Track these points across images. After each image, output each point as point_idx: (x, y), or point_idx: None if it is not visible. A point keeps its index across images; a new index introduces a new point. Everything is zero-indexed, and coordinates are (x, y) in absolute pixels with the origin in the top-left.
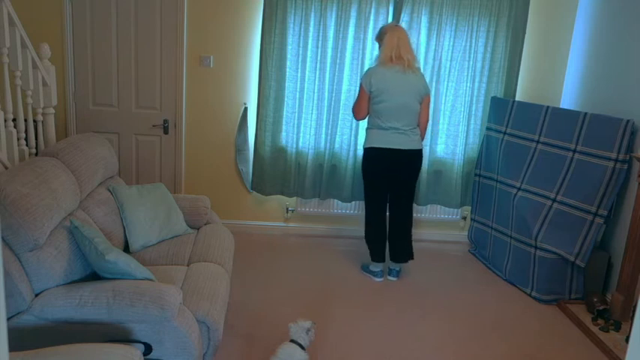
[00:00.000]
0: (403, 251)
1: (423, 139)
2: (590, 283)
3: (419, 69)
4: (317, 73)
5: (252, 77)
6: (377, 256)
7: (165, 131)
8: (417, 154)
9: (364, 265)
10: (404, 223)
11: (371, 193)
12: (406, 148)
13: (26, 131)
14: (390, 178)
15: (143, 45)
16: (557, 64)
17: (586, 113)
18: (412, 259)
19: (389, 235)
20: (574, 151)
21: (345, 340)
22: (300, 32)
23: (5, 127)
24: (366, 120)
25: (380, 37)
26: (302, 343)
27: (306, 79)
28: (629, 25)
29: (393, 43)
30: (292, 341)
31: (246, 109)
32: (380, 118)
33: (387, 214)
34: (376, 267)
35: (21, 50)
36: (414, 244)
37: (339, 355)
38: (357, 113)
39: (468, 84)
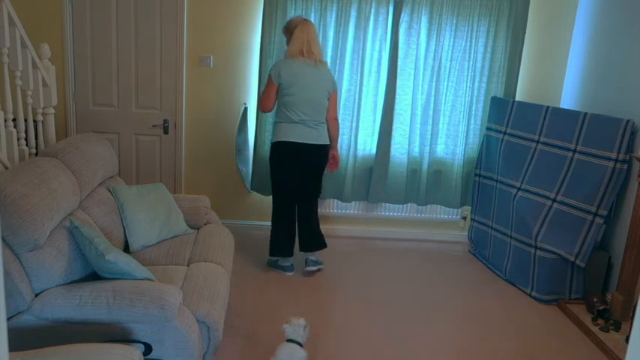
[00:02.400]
0: (313, 239)
1: (336, 137)
2: (590, 283)
3: (326, 62)
4: None
5: (252, 77)
6: (286, 250)
7: (166, 131)
8: (325, 150)
9: (271, 261)
10: (310, 215)
11: (280, 188)
12: (315, 143)
13: (26, 131)
14: (298, 173)
15: (143, 45)
16: (557, 64)
17: (586, 113)
18: (325, 246)
19: (298, 228)
20: (574, 151)
21: (345, 340)
22: None
23: (5, 127)
24: (274, 114)
25: (289, 31)
26: (300, 341)
27: None
28: (629, 25)
29: (303, 38)
30: (290, 341)
31: (246, 109)
32: (289, 111)
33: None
34: (286, 261)
35: (21, 50)
36: (413, 243)
37: (339, 354)
38: (264, 105)
39: (468, 84)
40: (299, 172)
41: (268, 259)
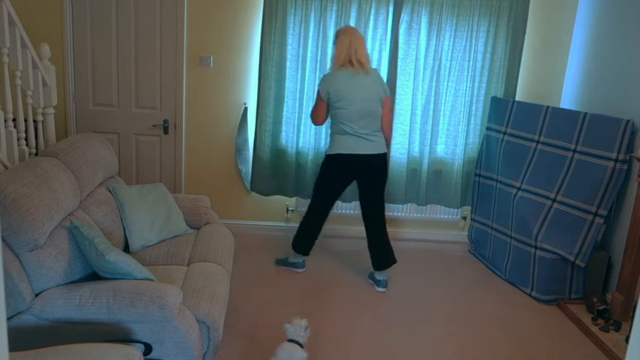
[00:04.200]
0: (388, 255)
1: (389, 143)
2: (590, 283)
3: (375, 70)
4: (317, 73)
5: (252, 77)
6: (304, 249)
7: (165, 131)
8: (383, 158)
9: (279, 260)
10: (381, 229)
11: (321, 195)
12: (370, 153)
13: (26, 131)
14: (346, 185)
15: (143, 45)
16: (557, 64)
17: (586, 113)
18: (395, 262)
19: (369, 244)
20: (574, 151)
21: (345, 340)
22: (300, 32)
23: (5, 127)
24: (329, 125)
25: (334, 42)
26: (301, 341)
27: (306, 79)
28: (629, 25)
29: (345, 46)
30: (291, 341)
31: (246, 109)
32: (342, 123)
33: (364, 222)
34: (297, 258)
35: (21, 50)
36: (413, 243)
37: (339, 354)
38: (315, 120)
39: (468, 84)
40: (347, 184)
41: (276, 259)
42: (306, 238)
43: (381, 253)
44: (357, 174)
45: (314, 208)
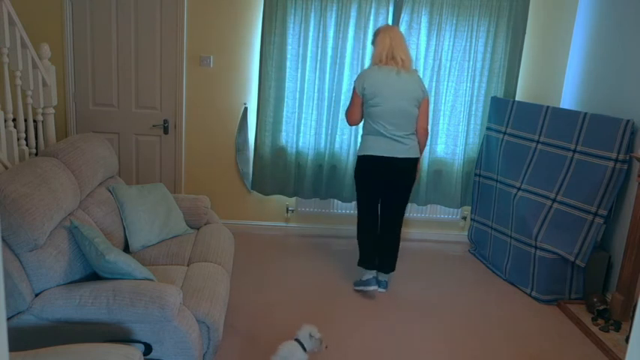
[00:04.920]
0: (386, 259)
1: (422, 148)
2: (590, 283)
3: (416, 70)
4: (317, 73)
5: (252, 77)
6: (369, 262)
7: (165, 131)
8: (412, 162)
9: (356, 282)
10: (390, 230)
11: (364, 202)
12: (401, 157)
13: (26, 131)
14: (383, 185)
15: (143, 45)
16: (557, 64)
17: (586, 113)
18: (393, 270)
19: (376, 243)
20: (574, 151)
21: (345, 340)
22: (300, 32)
23: (5, 127)
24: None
25: (374, 39)
26: (306, 346)
27: (306, 79)
28: (629, 25)
29: (385, 44)
30: (296, 340)
31: (246, 109)
32: (375, 123)
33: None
34: (368, 274)
35: (21, 50)
36: (413, 243)
37: (339, 354)
38: (350, 117)
39: (468, 84)
40: (382, 186)
41: (354, 281)
42: (366, 246)
43: (383, 255)
44: (386, 175)
45: (361, 211)
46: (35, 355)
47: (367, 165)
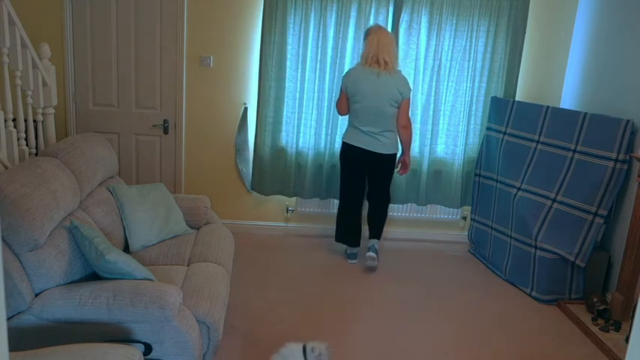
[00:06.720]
0: (374, 230)
1: (406, 143)
2: (590, 283)
3: (399, 71)
4: (317, 73)
5: (252, 77)
6: (348, 239)
7: (166, 131)
8: (387, 158)
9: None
10: (376, 216)
11: (343, 184)
12: (375, 151)
13: (26, 131)
14: (362, 172)
15: (143, 45)
16: (557, 64)
17: (586, 113)
18: (379, 237)
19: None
20: (574, 151)
21: (345, 340)
22: (300, 32)
23: (5, 127)
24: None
25: (364, 38)
26: (307, 356)
27: (306, 79)
28: (629, 26)
29: (372, 46)
30: (304, 347)
31: (246, 109)
32: (355, 117)
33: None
34: (350, 249)
35: (21, 50)
36: (413, 243)
37: (339, 355)
38: (339, 110)
39: (468, 84)
40: (362, 173)
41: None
42: (341, 226)
43: (372, 225)
44: (364, 165)
45: (343, 197)
46: (35, 355)
47: (348, 152)
